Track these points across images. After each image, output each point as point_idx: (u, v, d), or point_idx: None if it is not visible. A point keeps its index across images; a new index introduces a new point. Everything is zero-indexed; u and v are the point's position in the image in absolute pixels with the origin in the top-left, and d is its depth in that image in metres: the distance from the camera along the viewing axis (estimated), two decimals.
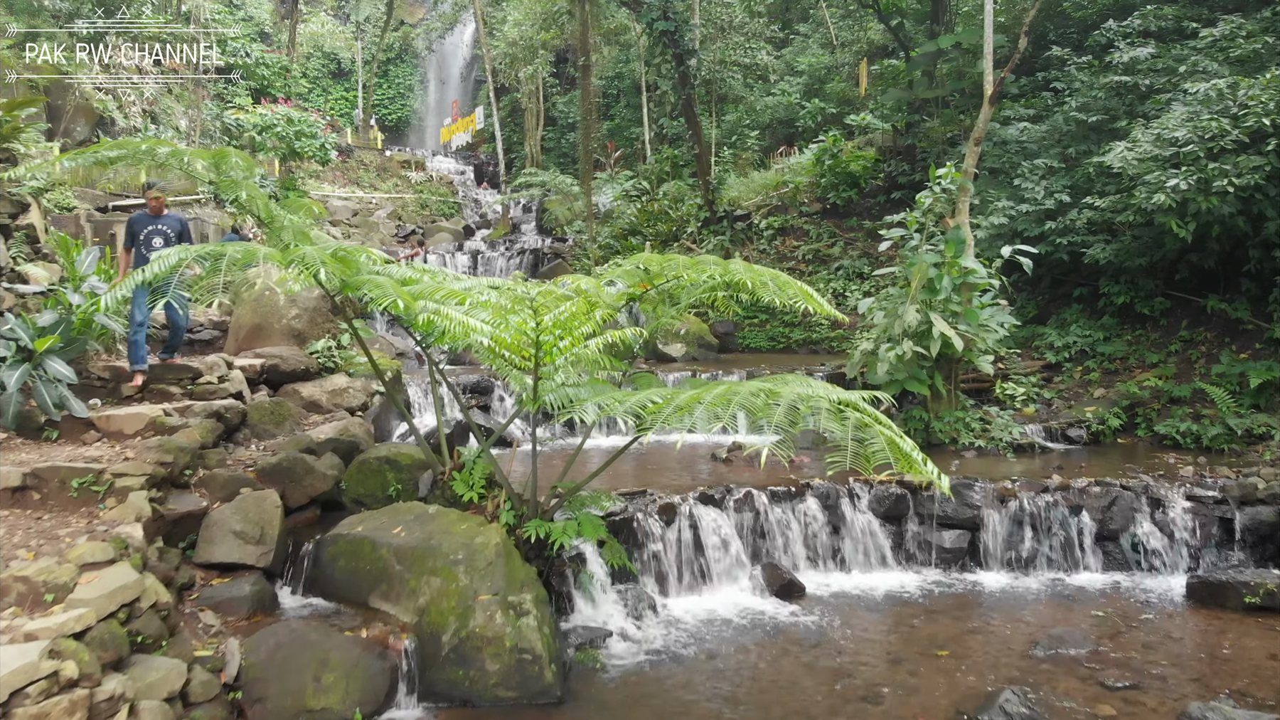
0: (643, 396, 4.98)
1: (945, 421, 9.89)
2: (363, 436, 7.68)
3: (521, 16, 29.74)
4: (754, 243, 18.40)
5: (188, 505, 6.26)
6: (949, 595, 7.44)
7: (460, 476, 6.25)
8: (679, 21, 17.06)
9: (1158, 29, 14.50)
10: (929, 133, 17.49)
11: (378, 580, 5.77)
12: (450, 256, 23.60)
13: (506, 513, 6.04)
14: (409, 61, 49.03)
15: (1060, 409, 11.32)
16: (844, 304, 16.56)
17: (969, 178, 10.41)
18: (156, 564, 5.40)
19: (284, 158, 26.35)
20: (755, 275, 5.85)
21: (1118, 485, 8.19)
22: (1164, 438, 10.25)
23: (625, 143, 30.44)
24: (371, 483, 6.77)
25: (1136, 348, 12.02)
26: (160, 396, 7.69)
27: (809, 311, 16.59)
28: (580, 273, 20.59)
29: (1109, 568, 7.96)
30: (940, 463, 9.71)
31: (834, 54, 26.17)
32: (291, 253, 5.03)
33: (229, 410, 7.51)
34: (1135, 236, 11.99)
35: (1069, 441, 10.38)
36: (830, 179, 18.71)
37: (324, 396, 8.78)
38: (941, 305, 9.45)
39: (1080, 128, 13.67)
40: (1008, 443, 9.70)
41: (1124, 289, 12.34)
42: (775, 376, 5.53)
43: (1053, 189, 13.08)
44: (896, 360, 9.18)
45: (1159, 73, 13.33)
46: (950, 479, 8.27)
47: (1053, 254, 12.70)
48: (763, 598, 7.21)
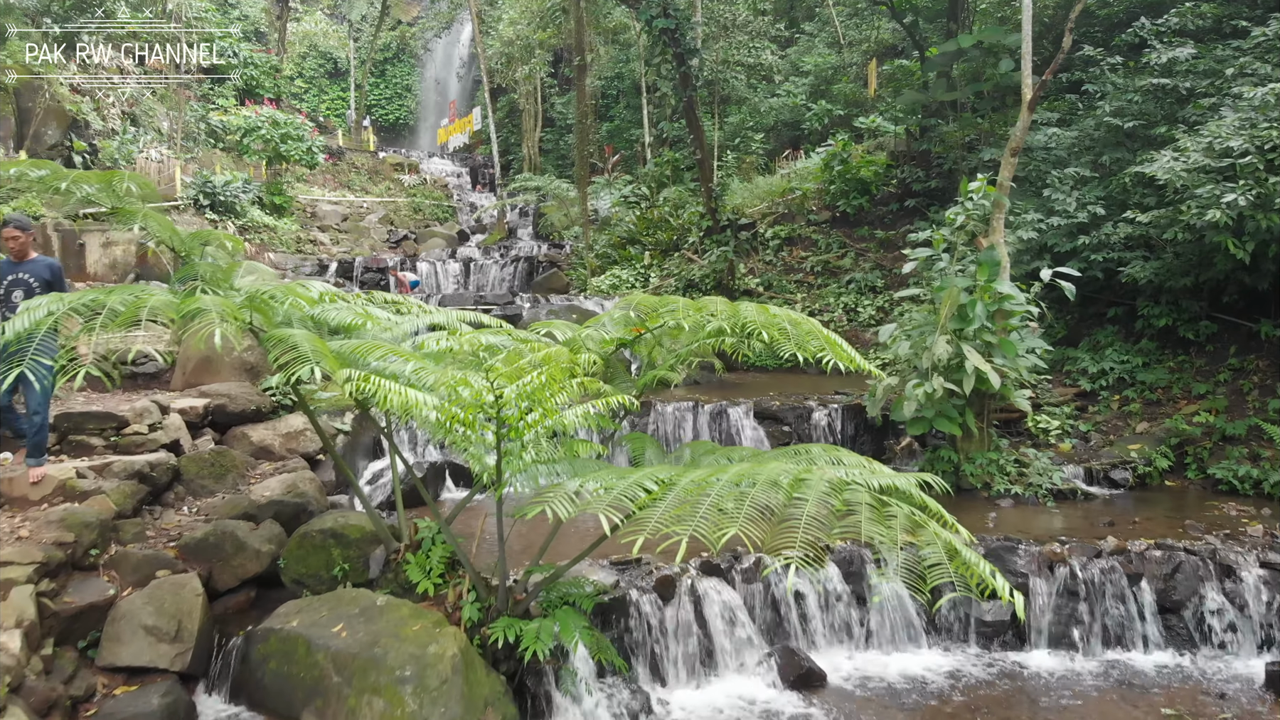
0: (632, 483, 3.96)
1: (977, 464, 8.86)
2: (313, 495, 6.65)
3: (517, 15, 28.72)
4: (759, 253, 17.36)
5: (91, 594, 5.24)
6: (990, 682, 6.41)
7: (415, 559, 5.23)
8: (680, 19, 16.03)
9: (1196, 27, 13.45)
10: (945, 137, 16.46)
11: (312, 693, 4.75)
12: (442, 264, 22.57)
13: (470, 606, 5.02)
14: (406, 61, 48.02)
15: (1099, 445, 10.28)
16: (856, 319, 15.55)
17: (1004, 192, 9.37)
18: (37, 683, 4.37)
19: (270, 161, 25.33)
20: (770, 321, 4.82)
21: (1181, 549, 7.16)
22: (1218, 482, 9.22)
23: (625, 145, 29.40)
24: (314, 560, 5.74)
25: (1180, 376, 10.97)
26: (78, 451, 6.67)
27: None
28: (576, 283, 19.54)
29: (1172, 644, 6.92)
30: (974, 514, 8.71)
31: (841, 53, 25.14)
32: (186, 304, 4.02)
33: (157, 467, 6.48)
34: (1177, 254, 10.95)
35: (1112, 485, 9.34)
36: (840, 186, 17.67)
37: (277, 441, 7.76)
38: (974, 335, 8.42)
39: (1114, 134, 12.62)
40: (1047, 490, 8.66)
41: (1165, 310, 11.28)
42: (798, 450, 4.51)
43: (1085, 200, 12.04)
44: (925, 398, 8.15)
45: (1200, 75, 12.28)
46: (988, 540, 7.25)
47: (1086, 270, 11.66)
48: (777, 690, 6.18)
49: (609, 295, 17.01)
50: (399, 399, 3.61)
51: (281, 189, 25.24)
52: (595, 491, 3.97)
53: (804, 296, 16.04)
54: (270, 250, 22.97)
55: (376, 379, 3.61)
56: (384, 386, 3.59)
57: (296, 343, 3.92)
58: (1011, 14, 18.14)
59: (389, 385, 3.60)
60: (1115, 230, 11.53)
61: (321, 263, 22.52)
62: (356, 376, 3.64)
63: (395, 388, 3.60)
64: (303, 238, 24.81)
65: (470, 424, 3.78)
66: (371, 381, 3.61)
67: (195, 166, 23.65)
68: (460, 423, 3.79)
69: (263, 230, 23.28)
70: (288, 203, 25.22)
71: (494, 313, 14.88)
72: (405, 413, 3.71)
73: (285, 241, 23.60)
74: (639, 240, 19.10)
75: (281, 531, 6.04)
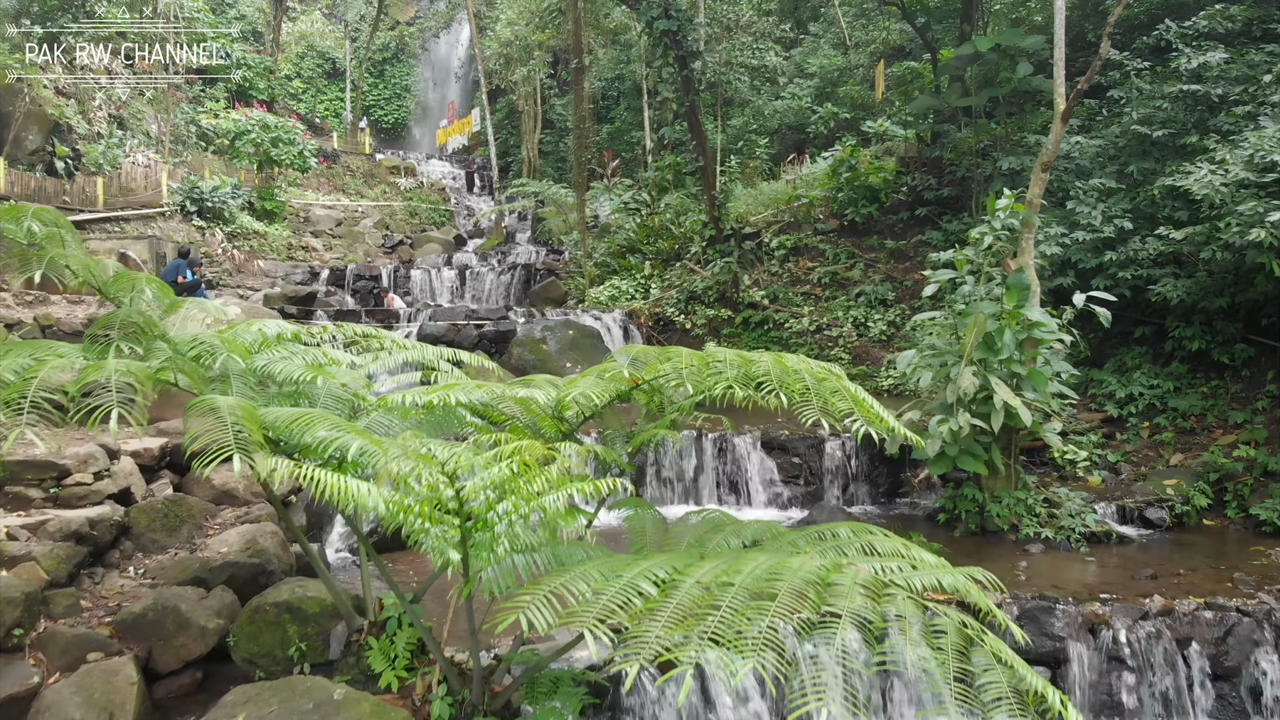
0: (626, 584, 3.32)
1: (1004, 503, 8.19)
2: (275, 551, 5.99)
3: (515, 15, 28.03)
4: (764, 264, 16.68)
5: (12, 683, 4.59)
6: None
7: (379, 644, 4.57)
8: (682, 21, 15.36)
9: (1225, 30, 12.77)
10: (958, 144, 15.77)
11: None
12: (436, 272, 21.91)
13: (441, 701, 4.36)
14: (405, 61, 47.32)
15: (1130, 478, 9.62)
16: (866, 334, 14.88)
17: (1034, 209, 8.70)
18: None
19: (261, 165, 24.66)
20: (788, 375, 4.17)
21: (1234, 609, 6.48)
22: (1261, 522, 8.54)
23: (625, 147, 28.72)
24: (268, 638, 5.07)
25: (1215, 403, 10.31)
26: (15, 504, 6.00)
27: (825, 348, 14.96)
28: (574, 292, 18.86)
29: (1225, 715, 6.26)
30: (1003, 561, 8.02)
31: (847, 55, 24.44)
32: (87, 374, 3.35)
33: (99, 524, 5.81)
34: (1211, 272, 10.29)
35: (1147, 524, 8.67)
36: (848, 193, 16.98)
37: (241, 483, 7.10)
38: (1002, 366, 7.75)
39: (1141, 142, 11.95)
40: (1080, 534, 7.98)
41: (1198, 332, 10.61)
42: (822, 534, 3.87)
43: (1111, 213, 11.37)
44: (950, 436, 7.48)
45: (1232, 81, 11.62)
46: (1022, 598, 6.58)
47: (1113, 288, 11.00)
48: None
49: (607, 307, 16.34)
50: (338, 491, 2.96)
51: (273, 193, 24.58)
52: (583, 595, 3.33)
53: (811, 310, 15.38)
54: (260, 257, 22.31)
55: (310, 468, 2.97)
56: (320, 478, 2.95)
57: (221, 415, 3.27)
58: (1027, 15, 17.47)
59: (326, 476, 2.95)
60: (1144, 246, 10.87)
61: (313, 270, 21.84)
62: (284, 467, 2.99)
63: (333, 479, 2.95)
64: (294, 244, 24.14)
65: (428, 515, 3.12)
66: (304, 468, 2.97)
67: (185, 171, 22.98)
68: (416, 514, 3.14)
69: (252, 237, 22.62)
70: (279, 208, 24.54)
71: (486, 328, 14.23)
72: (346, 503, 3.07)
73: (276, 248, 22.93)
74: (639, 249, 18.42)
75: (234, 601, 5.38)
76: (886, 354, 14.40)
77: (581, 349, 13.39)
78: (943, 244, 15.43)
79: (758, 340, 15.26)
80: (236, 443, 3.16)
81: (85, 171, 20.19)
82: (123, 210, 19.75)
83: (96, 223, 18.87)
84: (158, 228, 20.09)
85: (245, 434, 3.25)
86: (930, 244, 15.65)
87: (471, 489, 3.01)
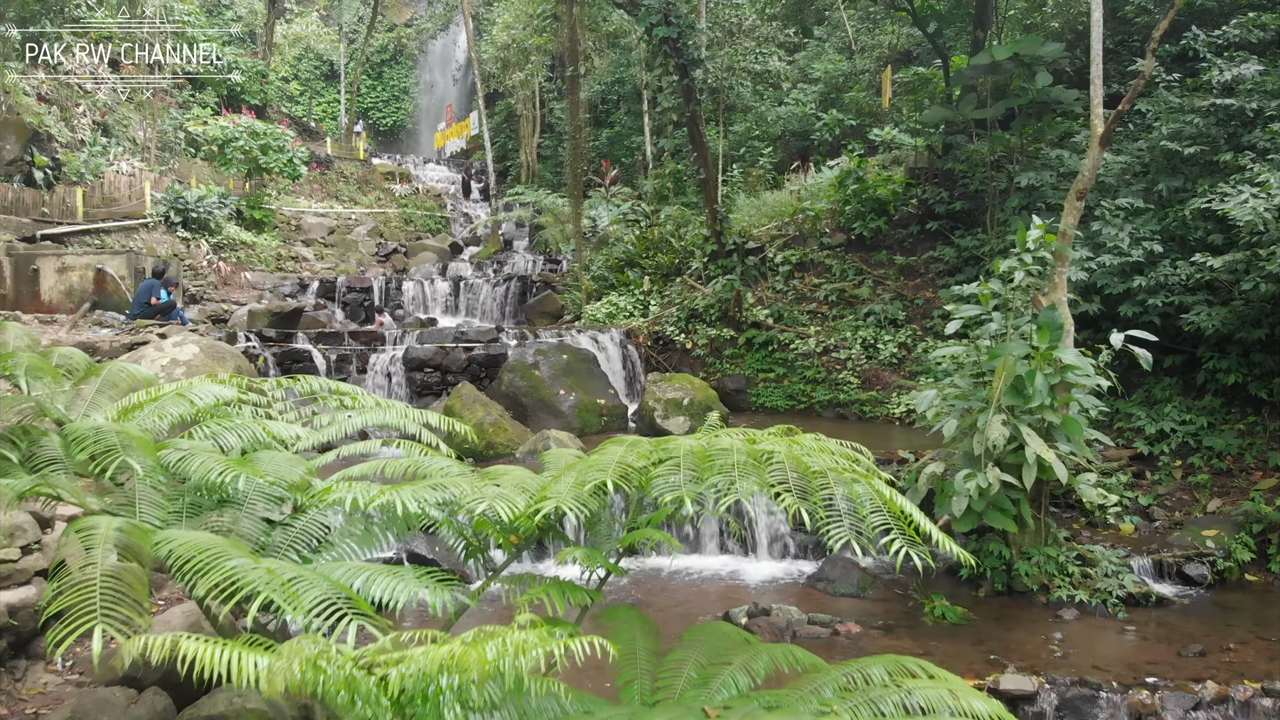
0: None
1: (1033, 561, 7.51)
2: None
3: (511, 19, 27.34)
4: (768, 280, 15.99)
5: None
6: None
7: None
8: (683, 27, 14.67)
9: (1257, 40, 12.07)
10: (971, 156, 15.08)
11: None
12: (430, 284, 21.23)
13: None
14: (403, 64, 46.67)
15: (1164, 525, 8.93)
16: (875, 356, 14.18)
17: (1067, 241, 8.01)
18: None
19: (249, 173, 24.01)
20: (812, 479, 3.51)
21: None
22: None
23: (625, 152, 28.05)
24: None
25: (1252, 441, 9.62)
26: None
27: (833, 371, 14.27)
28: (570, 307, 18.17)
29: None
30: (1035, 631, 7.27)
31: (853, 60, 23.76)
32: None
33: (20, 611, 5.13)
34: (1249, 301, 9.60)
35: (1186, 581, 7.98)
36: (855, 206, 16.29)
37: None
38: (1033, 414, 7.07)
39: (1170, 159, 11.26)
40: (1118, 598, 7.30)
41: (1234, 364, 9.92)
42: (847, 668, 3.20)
43: (1139, 235, 10.68)
44: (978, 493, 6.80)
45: (1268, 94, 10.93)
46: (1060, 682, 5.89)
47: (1141, 315, 10.33)
48: None
49: (605, 326, 15.67)
50: (231, 668, 2.29)
51: (262, 201, 23.92)
52: None
53: (818, 330, 14.69)
54: (247, 269, 21.63)
55: (201, 648, 2.30)
56: (210, 656, 2.28)
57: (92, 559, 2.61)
58: (1043, 21, 16.79)
59: (218, 654, 2.29)
60: (1175, 271, 10.19)
61: (302, 281, 21.14)
62: (167, 643, 2.33)
63: (224, 657, 2.28)
64: (284, 254, 23.46)
65: (349, 695, 2.45)
66: (183, 645, 2.30)
67: (171, 179, 22.31)
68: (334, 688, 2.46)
69: (239, 247, 21.96)
70: (268, 216, 23.87)
71: (475, 351, 13.53)
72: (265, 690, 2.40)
73: (264, 259, 22.26)
74: (638, 263, 17.74)
75: (168, 707, 4.70)
76: (897, 378, 13.72)
77: (576, 374, 12.71)
78: (955, 260, 14.76)
79: (761, 362, 14.59)
80: (102, 605, 2.50)
81: (66, 181, 19.53)
82: (104, 222, 19.08)
83: (75, 236, 18.20)
84: (140, 240, 19.43)
85: (124, 589, 2.59)
86: (942, 260, 14.98)
87: (398, 679, 2.34)
